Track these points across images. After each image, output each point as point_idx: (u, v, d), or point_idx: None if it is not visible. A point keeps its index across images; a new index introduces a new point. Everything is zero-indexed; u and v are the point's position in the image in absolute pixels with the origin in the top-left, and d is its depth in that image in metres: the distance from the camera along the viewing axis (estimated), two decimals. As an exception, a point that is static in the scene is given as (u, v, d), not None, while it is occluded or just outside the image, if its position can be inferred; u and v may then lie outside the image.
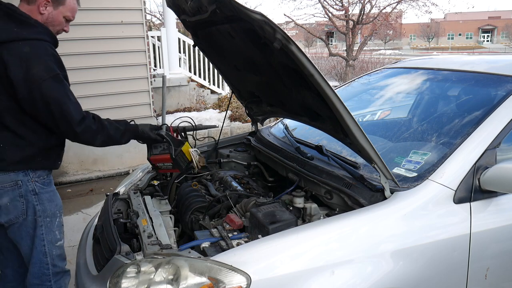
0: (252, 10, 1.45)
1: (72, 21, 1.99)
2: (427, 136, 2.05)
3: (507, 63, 2.38)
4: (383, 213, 1.60)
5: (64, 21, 1.95)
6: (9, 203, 1.85)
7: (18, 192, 1.85)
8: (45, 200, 1.92)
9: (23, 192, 1.86)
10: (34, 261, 1.95)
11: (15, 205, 1.86)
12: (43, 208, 1.91)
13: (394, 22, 15.90)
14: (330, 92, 1.51)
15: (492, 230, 1.71)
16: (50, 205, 1.94)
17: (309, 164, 2.08)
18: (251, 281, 1.38)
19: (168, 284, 1.40)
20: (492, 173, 1.66)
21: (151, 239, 1.68)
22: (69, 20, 1.97)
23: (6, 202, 1.85)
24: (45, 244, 1.94)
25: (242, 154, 2.78)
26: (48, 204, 1.93)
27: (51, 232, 1.95)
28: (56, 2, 1.88)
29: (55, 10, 1.89)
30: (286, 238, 1.52)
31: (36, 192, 1.89)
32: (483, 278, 1.72)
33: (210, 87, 8.68)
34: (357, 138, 1.59)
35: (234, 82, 2.68)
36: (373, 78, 3.04)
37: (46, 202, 1.92)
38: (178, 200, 2.26)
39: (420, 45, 59.22)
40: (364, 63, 14.09)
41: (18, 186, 1.85)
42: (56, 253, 1.98)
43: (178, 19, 2.26)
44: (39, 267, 1.96)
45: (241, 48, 2.06)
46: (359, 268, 1.50)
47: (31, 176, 1.88)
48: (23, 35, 1.76)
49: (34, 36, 1.79)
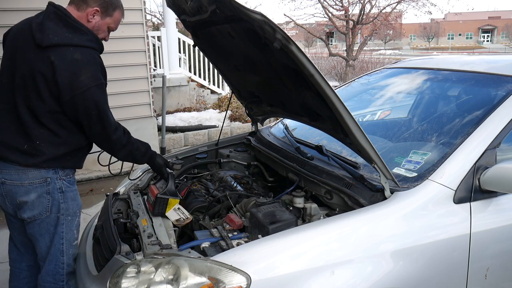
0: (252, 10, 1.45)
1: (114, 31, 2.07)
2: (427, 136, 2.05)
3: (507, 63, 2.38)
4: (383, 213, 1.60)
5: (107, 31, 2.02)
6: (35, 199, 1.88)
7: (46, 189, 1.89)
8: (69, 198, 1.95)
9: (51, 189, 1.90)
10: (51, 258, 1.96)
11: (41, 201, 1.89)
12: (67, 207, 1.95)
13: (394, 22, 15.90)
14: (330, 92, 1.51)
15: (492, 230, 1.71)
16: (73, 204, 1.98)
17: (309, 164, 2.09)
18: (251, 281, 1.38)
19: (168, 284, 1.40)
20: (492, 173, 1.66)
21: (151, 239, 1.69)
22: (111, 30, 2.04)
23: (33, 198, 1.88)
24: (64, 242, 1.96)
25: (242, 154, 2.78)
26: (71, 202, 1.97)
27: (71, 231, 1.98)
28: (105, 12, 1.95)
29: (102, 20, 1.95)
30: (286, 238, 1.52)
31: (63, 190, 1.93)
32: (483, 278, 1.72)
33: (210, 87, 8.68)
34: (357, 138, 1.59)
35: (234, 82, 2.68)
36: (373, 78, 3.04)
37: (70, 201, 1.96)
38: None
39: (420, 45, 59.23)
40: (364, 63, 14.08)
41: (47, 183, 1.88)
42: (72, 253, 2.01)
43: (178, 19, 2.26)
44: (54, 265, 1.97)
45: (241, 48, 2.06)
46: (359, 268, 1.50)
47: (60, 174, 1.92)
48: (75, 41, 1.81)
49: (85, 43, 1.84)
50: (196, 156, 2.78)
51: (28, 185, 1.87)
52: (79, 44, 1.81)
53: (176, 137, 6.53)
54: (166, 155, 2.84)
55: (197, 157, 2.78)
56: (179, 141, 6.55)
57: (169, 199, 1.95)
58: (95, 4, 1.91)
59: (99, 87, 1.84)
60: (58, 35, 1.79)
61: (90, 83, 1.79)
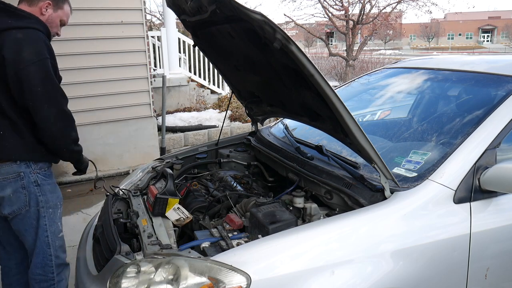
0: (252, 10, 1.45)
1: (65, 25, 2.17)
2: (427, 136, 2.05)
3: (507, 63, 2.38)
4: (383, 213, 1.60)
5: (59, 24, 2.11)
6: (12, 195, 1.92)
7: (20, 183, 1.92)
8: (47, 191, 1.99)
9: (26, 183, 1.93)
10: (38, 251, 2.01)
11: (18, 196, 1.93)
12: (46, 199, 1.99)
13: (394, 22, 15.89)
14: (330, 92, 1.51)
15: (492, 230, 1.71)
16: (52, 196, 2.02)
17: (309, 164, 2.08)
18: (251, 281, 1.38)
19: (168, 284, 1.40)
20: (492, 173, 1.66)
21: (151, 239, 1.69)
22: (63, 24, 2.14)
23: (9, 193, 1.92)
24: (48, 235, 2.01)
25: (242, 154, 2.78)
26: (50, 195, 2.01)
27: (54, 223, 2.03)
28: (56, 5, 2.05)
29: (54, 13, 2.05)
30: (286, 238, 1.52)
31: (38, 184, 1.96)
32: (483, 278, 1.72)
33: (210, 87, 8.68)
34: (357, 138, 1.59)
35: (234, 82, 2.68)
36: (373, 78, 3.04)
37: (48, 193, 1.99)
38: None
39: (420, 45, 59.22)
40: (364, 63, 14.08)
41: (20, 177, 1.92)
42: (58, 244, 2.06)
43: (178, 19, 2.26)
44: (42, 258, 2.02)
45: (241, 48, 2.06)
46: (359, 268, 1.50)
47: (33, 168, 1.95)
48: (18, 24, 1.88)
49: (27, 25, 1.90)
50: (196, 156, 2.78)
51: (2, 181, 1.91)
52: (21, 26, 1.87)
53: (176, 137, 6.53)
54: (166, 155, 2.84)
55: (197, 157, 2.78)
56: (179, 141, 6.55)
57: (168, 199, 1.95)
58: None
59: (44, 62, 1.86)
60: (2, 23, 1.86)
61: (33, 59, 1.83)
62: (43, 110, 1.88)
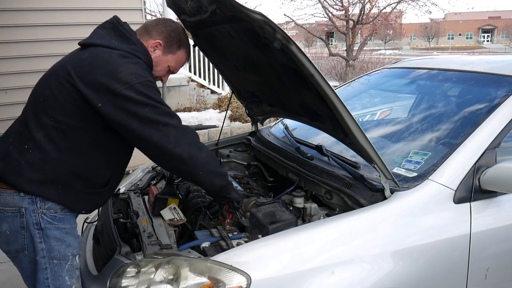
0: (252, 10, 1.45)
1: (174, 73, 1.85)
2: (427, 136, 2.05)
3: (507, 63, 2.38)
4: (383, 213, 1.60)
5: (166, 70, 1.77)
6: (9, 232, 1.53)
7: (19, 221, 1.51)
8: (52, 238, 1.53)
9: (26, 223, 1.51)
10: None
11: (16, 236, 1.52)
12: (49, 248, 1.53)
13: (394, 22, 15.90)
14: (330, 92, 1.51)
15: (492, 230, 1.71)
16: (59, 245, 1.54)
17: (309, 164, 2.08)
18: (251, 281, 1.38)
19: (168, 284, 1.40)
20: (492, 173, 1.66)
21: (151, 239, 1.69)
22: (171, 71, 1.80)
23: (5, 229, 1.53)
24: None
25: (242, 154, 2.78)
26: (56, 243, 1.54)
27: (59, 277, 1.56)
28: (168, 48, 1.72)
29: (163, 56, 1.72)
30: (286, 238, 1.52)
31: (41, 227, 1.52)
32: (483, 278, 1.72)
33: (210, 87, 8.68)
34: (357, 138, 1.59)
35: (234, 82, 2.68)
36: (373, 78, 3.04)
37: (53, 241, 1.53)
38: None
39: (420, 45, 59.23)
40: (364, 63, 14.09)
41: (20, 214, 1.50)
42: None
43: (178, 19, 2.26)
44: None
45: (241, 48, 2.06)
46: (359, 268, 1.50)
47: (38, 206, 1.51)
48: (118, 46, 1.56)
49: (129, 50, 1.57)
50: None
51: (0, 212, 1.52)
52: (121, 49, 1.55)
53: (176, 137, 6.52)
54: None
55: None
56: (179, 141, 6.54)
57: (168, 199, 1.96)
58: (159, 36, 1.69)
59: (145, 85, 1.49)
60: (102, 38, 1.57)
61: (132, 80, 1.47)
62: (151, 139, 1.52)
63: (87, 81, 1.47)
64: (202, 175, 1.59)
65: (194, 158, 1.54)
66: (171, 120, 1.53)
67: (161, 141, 1.49)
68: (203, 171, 1.58)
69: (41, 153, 1.50)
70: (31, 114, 1.54)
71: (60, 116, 1.50)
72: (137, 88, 1.46)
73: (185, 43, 1.77)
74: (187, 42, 1.78)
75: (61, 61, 1.60)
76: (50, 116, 1.50)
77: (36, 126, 1.51)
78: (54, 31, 4.74)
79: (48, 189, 1.51)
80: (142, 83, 1.48)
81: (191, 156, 1.54)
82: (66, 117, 1.50)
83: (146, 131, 1.48)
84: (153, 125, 1.47)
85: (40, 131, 1.50)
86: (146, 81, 1.51)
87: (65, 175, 1.53)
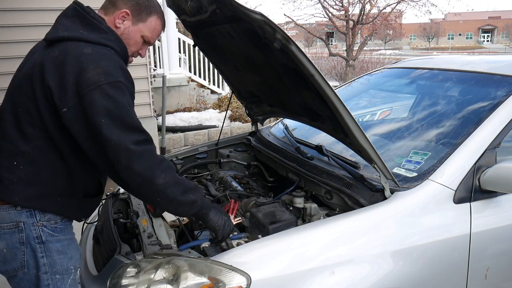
0: (252, 10, 1.45)
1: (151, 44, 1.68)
2: (427, 136, 2.05)
3: (507, 63, 2.38)
4: (383, 213, 1.60)
5: (141, 42, 1.61)
6: (5, 250, 1.43)
7: (18, 237, 1.42)
8: (54, 251, 1.46)
9: (25, 238, 1.42)
10: None
11: (14, 253, 1.43)
12: (51, 262, 1.46)
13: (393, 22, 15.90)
14: (330, 92, 1.51)
15: (492, 230, 1.72)
16: (61, 258, 1.48)
17: (309, 164, 2.08)
18: (251, 281, 1.38)
19: (168, 284, 1.40)
20: (492, 173, 1.66)
21: (151, 239, 1.69)
22: (147, 42, 1.63)
23: (1, 248, 1.44)
24: None
25: (242, 154, 2.78)
26: (58, 256, 1.47)
27: None
28: (137, 16, 1.56)
29: (133, 26, 1.57)
30: (286, 238, 1.52)
31: (42, 240, 1.44)
32: (483, 278, 1.72)
33: (210, 87, 8.68)
34: (357, 138, 1.59)
35: (234, 82, 2.68)
36: (373, 78, 3.04)
37: (55, 254, 1.46)
38: None
39: (420, 45, 59.24)
40: (364, 63, 14.09)
41: (18, 229, 1.42)
42: None
43: (178, 19, 2.25)
44: None
45: (241, 48, 2.06)
46: (359, 268, 1.50)
47: (37, 218, 1.43)
48: (88, 37, 1.44)
49: (101, 41, 1.45)
50: (196, 156, 2.78)
51: None
52: (92, 40, 1.43)
53: (176, 137, 6.53)
54: (166, 155, 2.84)
55: (197, 157, 2.78)
56: (179, 141, 6.55)
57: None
58: (125, 5, 1.54)
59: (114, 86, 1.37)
60: (70, 30, 1.44)
61: (101, 80, 1.35)
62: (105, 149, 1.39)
63: (57, 83, 1.36)
64: (161, 202, 1.45)
65: (148, 185, 1.38)
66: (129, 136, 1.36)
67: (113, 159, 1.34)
68: (161, 198, 1.43)
69: (34, 167, 1.41)
70: (11, 128, 1.43)
71: (43, 124, 1.40)
72: (104, 89, 1.35)
73: (156, 9, 1.61)
74: (158, 8, 1.63)
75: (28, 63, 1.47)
76: (35, 126, 1.40)
77: (22, 139, 1.41)
78: (54, 31, 4.74)
79: (47, 202, 1.44)
80: (110, 83, 1.36)
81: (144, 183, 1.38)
82: (50, 124, 1.40)
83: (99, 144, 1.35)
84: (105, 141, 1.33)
85: (28, 144, 1.41)
86: (116, 81, 1.38)
87: (64, 186, 1.46)
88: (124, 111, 1.38)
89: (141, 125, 1.42)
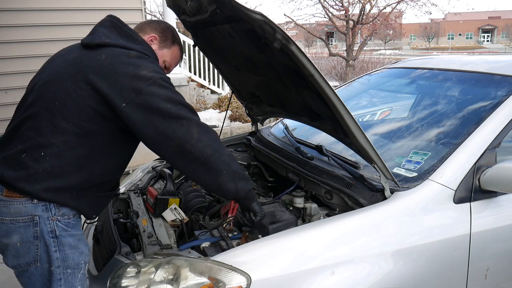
0: (252, 10, 1.45)
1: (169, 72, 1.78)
2: (427, 136, 2.05)
3: (507, 63, 2.38)
4: (383, 213, 1.60)
5: (163, 66, 1.72)
6: (19, 244, 1.44)
7: (32, 231, 1.44)
8: (67, 245, 1.48)
9: (39, 232, 1.44)
10: None
11: (28, 247, 1.44)
12: (64, 257, 1.47)
13: (393, 22, 15.91)
14: (330, 92, 1.51)
15: (492, 230, 1.71)
16: (73, 253, 1.49)
17: (309, 164, 2.08)
18: (251, 281, 1.38)
19: (168, 284, 1.40)
20: (492, 173, 1.66)
21: (151, 239, 1.69)
22: (167, 68, 1.76)
23: (15, 241, 1.44)
24: None
25: (242, 154, 2.78)
26: (71, 251, 1.49)
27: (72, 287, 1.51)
28: (163, 42, 1.71)
29: (159, 50, 1.69)
30: (286, 238, 1.52)
31: (56, 235, 1.45)
32: (483, 278, 1.72)
33: (210, 87, 8.68)
34: (357, 138, 1.59)
35: (234, 82, 2.68)
36: (373, 78, 3.04)
37: (68, 249, 1.48)
38: None
39: (420, 45, 59.23)
40: (364, 63, 14.10)
41: (34, 223, 1.43)
42: None
43: (178, 19, 2.25)
44: None
45: (241, 48, 2.06)
46: (359, 268, 1.50)
47: (52, 213, 1.45)
48: (129, 46, 1.53)
49: (140, 50, 1.55)
50: None
51: (9, 223, 1.44)
52: (133, 48, 1.54)
53: (176, 137, 6.52)
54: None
55: None
56: (179, 141, 6.54)
57: (169, 199, 1.96)
58: (153, 31, 1.69)
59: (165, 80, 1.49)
60: (111, 38, 1.54)
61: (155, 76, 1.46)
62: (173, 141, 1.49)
63: (111, 83, 1.43)
64: (225, 175, 1.50)
65: (217, 154, 1.49)
66: (193, 115, 1.50)
67: (185, 136, 1.44)
68: (227, 170, 1.50)
69: (61, 160, 1.44)
70: (43, 120, 1.46)
71: (80, 121, 1.45)
72: (160, 83, 1.46)
73: (178, 41, 1.76)
74: (179, 40, 1.78)
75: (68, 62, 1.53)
76: (69, 121, 1.45)
77: (52, 132, 1.45)
78: (54, 31, 4.73)
79: (64, 195, 1.46)
80: (163, 78, 1.48)
81: (214, 152, 1.48)
82: (86, 121, 1.45)
83: (170, 127, 1.44)
84: (176, 120, 1.44)
85: (59, 137, 1.44)
86: (165, 77, 1.51)
87: (83, 181, 1.49)
88: (181, 97, 1.51)
89: None
